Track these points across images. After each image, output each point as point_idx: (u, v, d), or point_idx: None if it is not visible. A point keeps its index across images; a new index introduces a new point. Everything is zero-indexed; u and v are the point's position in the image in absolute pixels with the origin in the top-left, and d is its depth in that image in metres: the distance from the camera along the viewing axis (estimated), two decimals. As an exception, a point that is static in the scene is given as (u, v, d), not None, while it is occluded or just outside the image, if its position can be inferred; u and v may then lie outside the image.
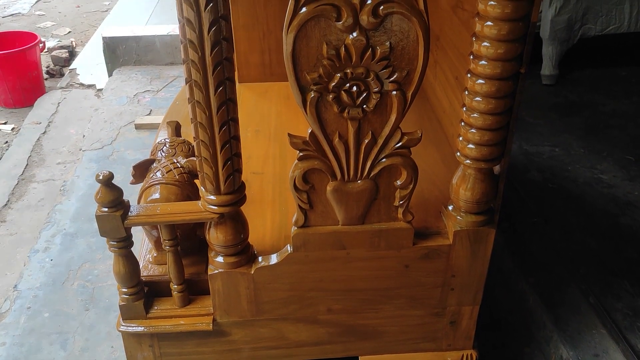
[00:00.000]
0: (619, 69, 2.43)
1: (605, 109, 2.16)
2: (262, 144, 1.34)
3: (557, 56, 2.26)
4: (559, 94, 2.26)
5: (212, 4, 0.72)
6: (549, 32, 2.21)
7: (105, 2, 4.18)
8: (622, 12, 2.22)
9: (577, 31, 2.24)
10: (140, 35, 2.72)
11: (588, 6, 2.19)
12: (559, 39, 2.22)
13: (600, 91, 2.28)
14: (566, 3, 2.16)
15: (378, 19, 0.76)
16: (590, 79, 2.36)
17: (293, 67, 0.79)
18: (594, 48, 2.43)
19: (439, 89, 1.30)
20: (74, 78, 2.81)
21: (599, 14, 2.21)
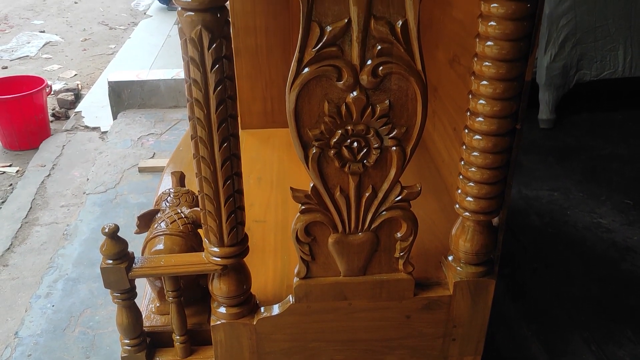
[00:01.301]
0: (615, 112, 2.48)
1: (603, 152, 2.19)
2: (264, 191, 1.36)
3: (553, 101, 2.31)
4: (557, 138, 2.30)
5: (218, 65, 0.75)
6: (545, 78, 2.26)
7: (111, 45, 4.27)
8: (616, 58, 2.27)
9: (573, 77, 2.29)
10: (145, 79, 2.78)
11: (583, 53, 2.25)
12: (555, 84, 2.27)
13: (597, 135, 2.32)
14: (561, 50, 2.22)
15: (378, 79, 0.79)
16: (587, 123, 2.41)
17: (296, 124, 0.82)
18: (590, 92, 2.48)
19: (438, 139, 1.33)
20: (79, 121, 2.85)
21: (594, 60, 2.27)
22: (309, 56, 0.77)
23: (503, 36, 0.76)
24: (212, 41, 0.74)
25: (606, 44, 2.23)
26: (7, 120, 2.58)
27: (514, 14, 0.74)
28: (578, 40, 2.21)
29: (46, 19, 4.77)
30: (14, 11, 4.95)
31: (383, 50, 0.77)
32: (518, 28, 0.75)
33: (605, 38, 2.22)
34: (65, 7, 5.13)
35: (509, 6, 0.74)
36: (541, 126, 2.35)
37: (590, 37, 2.22)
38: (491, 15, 0.75)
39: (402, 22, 0.75)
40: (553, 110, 2.33)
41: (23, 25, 4.61)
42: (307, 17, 0.74)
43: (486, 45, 0.78)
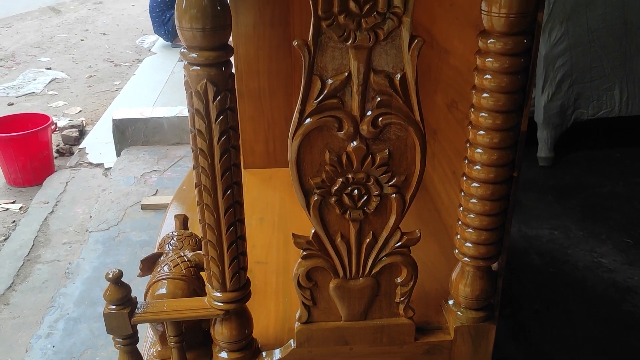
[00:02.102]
0: (613, 150, 2.50)
1: (602, 190, 2.21)
2: (266, 232, 1.38)
3: (552, 139, 2.33)
4: (556, 175, 2.32)
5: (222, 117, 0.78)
6: (543, 117, 2.29)
7: (115, 81, 4.35)
8: (612, 97, 2.31)
9: (570, 116, 2.32)
10: (148, 117, 2.82)
11: (579, 92, 2.29)
12: (552, 123, 2.30)
13: (596, 173, 2.34)
14: (558, 90, 2.26)
15: (377, 129, 0.81)
16: (585, 161, 2.43)
17: (297, 173, 0.83)
18: (588, 131, 2.51)
19: (437, 181, 1.35)
20: (83, 157, 2.89)
21: (591, 100, 2.31)
22: (310, 107, 0.79)
23: (499, 89, 0.78)
24: (217, 94, 0.76)
25: (602, 83, 2.28)
26: (12, 157, 2.61)
27: (509, 68, 0.77)
28: (574, 80, 2.26)
29: (52, 56, 4.87)
30: (22, 48, 5.05)
31: (382, 102, 0.79)
32: (513, 81, 0.78)
33: (601, 78, 2.27)
34: (72, 45, 5.24)
35: (504, 60, 0.76)
36: (540, 164, 2.38)
37: (586, 77, 2.26)
38: (486, 69, 0.78)
39: (400, 75, 0.78)
40: (552, 149, 2.36)
41: (30, 62, 4.70)
42: (308, 70, 0.77)
43: (482, 97, 0.80)
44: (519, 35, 0.75)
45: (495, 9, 0.73)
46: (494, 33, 0.75)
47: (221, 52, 0.75)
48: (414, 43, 0.75)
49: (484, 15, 0.75)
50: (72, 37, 5.52)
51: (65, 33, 5.65)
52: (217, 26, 0.73)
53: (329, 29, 0.74)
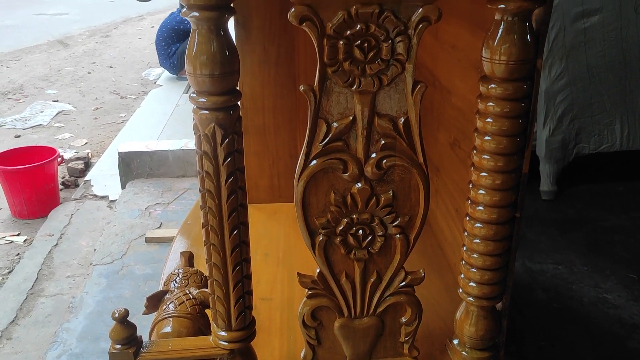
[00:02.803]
0: (616, 184, 2.51)
1: (606, 224, 2.21)
2: (270, 268, 1.38)
3: (554, 173, 2.35)
4: (559, 209, 2.33)
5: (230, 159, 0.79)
6: (545, 151, 2.31)
7: (121, 113, 4.40)
8: (613, 132, 2.33)
9: (572, 150, 2.34)
10: (154, 150, 2.85)
11: (580, 127, 2.31)
12: (554, 157, 2.32)
13: (599, 206, 2.34)
14: (559, 124, 2.28)
15: (381, 171, 0.83)
16: (588, 195, 2.44)
17: (303, 213, 0.85)
18: (590, 164, 2.53)
19: (440, 217, 1.36)
20: (88, 189, 2.91)
21: (592, 134, 2.33)
22: (316, 150, 0.81)
23: (500, 132, 0.80)
24: (225, 137, 0.78)
25: (603, 118, 2.30)
26: (18, 189, 2.64)
27: (510, 113, 0.78)
28: (575, 115, 2.28)
29: (60, 89, 4.94)
30: (29, 81, 5.13)
31: (386, 145, 0.81)
32: (514, 125, 0.79)
33: (601, 113, 2.29)
34: (79, 77, 5.32)
35: (505, 105, 0.78)
36: (543, 198, 2.39)
37: (587, 112, 2.29)
38: (488, 112, 0.80)
39: (404, 119, 0.80)
40: (554, 182, 2.37)
41: (37, 94, 4.77)
42: (314, 114, 0.79)
43: (484, 139, 0.82)
44: (519, 81, 0.77)
45: (495, 56, 0.76)
46: (494, 79, 0.77)
47: (229, 97, 0.77)
48: (417, 88, 0.78)
49: (485, 61, 0.77)
50: (79, 69, 5.61)
51: (73, 66, 5.75)
52: (225, 72, 0.75)
53: (335, 75, 0.77)
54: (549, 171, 2.34)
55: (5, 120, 4.14)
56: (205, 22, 0.72)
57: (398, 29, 0.74)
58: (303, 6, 0.73)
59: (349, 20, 0.74)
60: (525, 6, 0.73)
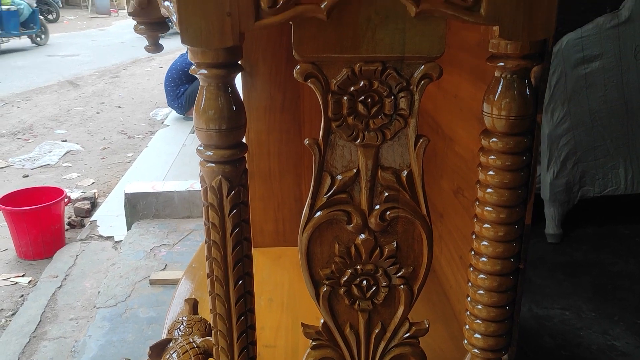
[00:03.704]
0: (622, 227, 2.50)
1: (612, 268, 2.19)
2: (275, 314, 1.38)
3: (559, 216, 2.35)
4: (565, 252, 2.32)
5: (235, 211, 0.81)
6: (549, 194, 2.31)
7: (128, 153, 4.45)
8: (617, 175, 2.34)
9: (576, 193, 2.35)
10: (160, 191, 2.88)
11: (584, 170, 2.32)
12: (559, 200, 2.32)
13: (605, 250, 2.33)
14: (563, 168, 2.30)
15: (385, 222, 0.84)
16: (594, 238, 2.43)
17: (307, 264, 0.85)
18: (595, 207, 2.53)
19: (445, 264, 1.36)
20: (93, 230, 2.92)
21: (596, 178, 2.34)
22: (320, 202, 0.82)
23: (502, 185, 0.81)
24: (231, 189, 0.79)
25: (606, 162, 2.31)
26: (25, 230, 2.65)
27: (511, 166, 0.80)
28: (579, 158, 2.29)
29: (69, 129, 5.02)
30: (39, 121, 5.21)
31: (390, 197, 0.82)
32: (515, 178, 0.80)
33: (605, 157, 2.31)
34: (88, 117, 5.41)
35: (506, 159, 0.80)
36: (549, 240, 2.38)
37: (590, 156, 2.30)
38: (490, 165, 0.81)
39: (407, 172, 0.81)
40: (559, 225, 2.36)
41: (46, 134, 4.84)
42: (319, 167, 0.81)
43: (486, 192, 0.83)
44: (520, 136, 0.78)
45: (496, 111, 0.77)
46: (495, 133, 0.79)
47: (235, 150, 0.79)
48: (419, 142, 0.79)
49: (486, 116, 0.79)
50: (88, 109, 5.71)
51: (82, 106, 5.85)
52: (232, 127, 0.77)
53: (339, 129, 0.78)
54: (553, 214, 2.34)
55: (14, 160, 4.19)
56: (213, 80, 0.75)
57: (400, 85, 0.77)
58: (308, 64, 0.75)
59: (352, 77, 0.76)
60: (523, 64, 0.75)
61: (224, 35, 0.71)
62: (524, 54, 0.74)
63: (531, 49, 0.74)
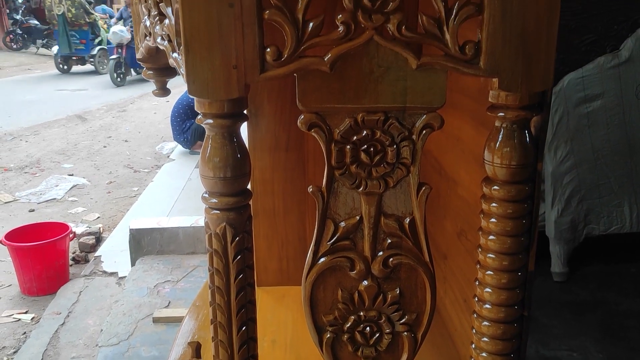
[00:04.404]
0: (629, 265, 2.48)
1: (619, 308, 2.17)
2: (278, 356, 1.37)
3: (564, 254, 2.33)
4: (571, 291, 2.29)
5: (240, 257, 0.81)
6: (554, 232, 2.31)
7: (134, 187, 4.48)
8: (622, 213, 2.34)
9: (582, 231, 2.34)
10: (165, 227, 2.88)
11: (589, 208, 2.32)
12: (564, 238, 2.31)
13: (612, 288, 2.31)
14: (567, 205, 2.30)
15: (388, 269, 0.84)
16: (601, 276, 2.41)
17: (311, 310, 0.85)
18: (601, 245, 2.51)
19: (449, 306, 1.35)
20: (97, 265, 2.92)
21: (601, 215, 2.33)
22: (323, 249, 0.83)
23: (504, 232, 0.81)
24: (235, 236, 0.80)
25: (611, 200, 2.31)
26: (29, 266, 2.65)
27: (513, 214, 0.80)
28: (583, 196, 2.30)
29: (75, 163, 5.07)
30: (46, 155, 5.27)
31: (393, 244, 0.83)
32: (517, 225, 0.81)
33: (609, 195, 2.31)
34: (95, 151, 5.47)
35: (508, 206, 0.80)
36: (555, 279, 2.36)
37: (594, 194, 2.30)
38: (492, 213, 0.82)
39: (409, 219, 0.82)
40: (565, 263, 2.35)
41: (53, 168, 4.89)
42: (322, 214, 0.81)
43: (489, 239, 0.83)
44: (521, 184, 0.79)
45: (497, 160, 0.78)
46: (497, 181, 0.80)
47: (240, 198, 0.80)
48: (421, 190, 0.80)
49: (487, 164, 0.80)
50: (95, 143, 5.77)
51: (90, 140, 5.91)
52: (237, 174, 0.78)
53: (342, 177, 0.80)
54: (559, 252, 2.33)
55: (20, 194, 4.22)
56: (219, 129, 0.76)
57: (403, 134, 0.78)
58: (312, 114, 0.77)
59: (355, 127, 0.78)
60: (523, 115, 0.76)
61: (230, 87, 0.73)
62: (523, 105, 0.76)
63: (530, 100, 0.76)
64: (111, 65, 9.43)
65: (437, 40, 0.72)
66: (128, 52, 9.39)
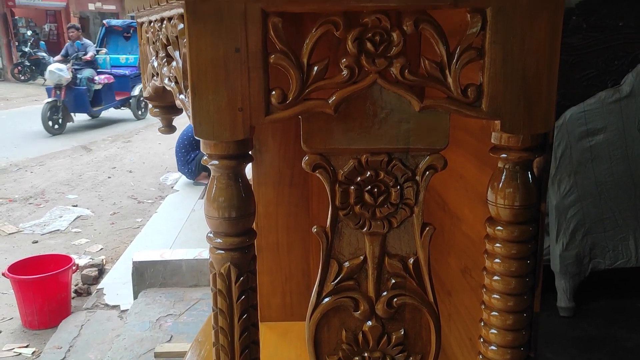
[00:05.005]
0: (636, 300, 2.46)
1: (627, 344, 2.14)
2: (281, 395, 1.35)
3: (570, 289, 2.31)
4: (578, 326, 2.27)
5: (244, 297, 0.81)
6: (560, 266, 2.29)
7: (137, 218, 4.48)
8: (627, 247, 2.32)
9: (587, 265, 2.32)
10: (168, 259, 2.88)
11: (594, 242, 2.31)
12: (570, 272, 2.29)
13: (619, 324, 2.28)
14: (572, 239, 2.28)
15: (392, 309, 0.83)
16: (608, 311, 2.38)
17: (315, 351, 0.85)
18: (608, 279, 2.49)
19: (454, 344, 1.33)
20: (100, 298, 2.90)
21: (606, 250, 2.32)
22: (327, 289, 0.82)
23: (508, 273, 0.81)
24: (239, 276, 0.80)
25: (616, 234, 2.30)
26: (31, 299, 2.64)
27: (517, 254, 0.80)
28: (588, 230, 2.29)
29: (80, 193, 5.08)
30: (51, 186, 5.29)
31: (397, 284, 0.83)
32: (522, 266, 0.81)
33: (614, 229, 2.30)
34: (99, 182, 5.49)
35: (512, 247, 0.80)
36: (561, 314, 2.33)
37: (599, 228, 2.29)
38: (496, 253, 0.82)
39: (413, 259, 0.82)
40: (571, 298, 2.32)
41: (58, 199, 4.91)
42: (326, 254, 0.82)
43: (493, 279, 0.83)
44: (525, 224, 0.79)
45: (500, 201, 0.79)
46: (500, 221, 0.80)
47: (245, 238, 0.80)
48: (425, 230, 0.80)
49: (491, 205, 0.80)
50: (100, 174, 5.80)
51: (94, 170, 5.95)
52: (242, 215, 0.79)
53: (346, 217, 0.80)
54: (565, 287, 2.31)
55: (24, 225, 4.23)
56: (224, 170, 0.77)
57: (406, 175, 0.79)
58: (316, 155, 0.78)
59: (359, 168, 0.78)
60: (525, 156, 0.77)
61: (236, 129, 0.74)
62: (525, 147, 0.76)
63: (532, 142, 0.76)
64: (44, 111, 7.48)
65: (439, 83, 0.73)
66: (68, 95, 7.82)
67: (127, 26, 9.62)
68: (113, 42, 9.73)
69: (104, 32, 9.72)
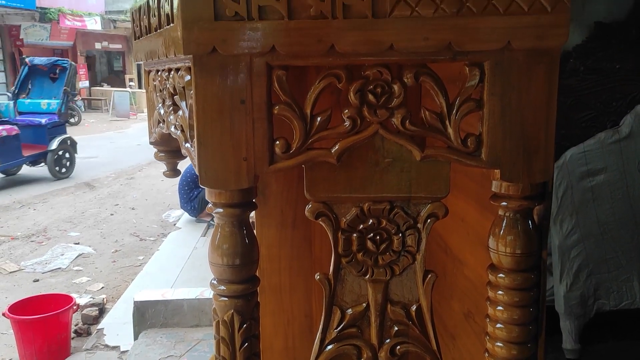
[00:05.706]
0: (642, 341, 2.42)
1: (635, 388, 2.10)
2: None
3: (576, 330, 2.28)
4: (584, 369, 2.23)
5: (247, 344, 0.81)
6: (564, 307, 2.27)
7: (139, 256, 4.47)
8: (632, 288, 2.30)
9: (592, 306, 2.30)
10: (169, 299, 2.86)
11: (598, 283, 2.29)
12: (574, 314, 2.27)
13: (626, 366, 2.24)
14: (576, 280, 2.27)
15: (395, 357, 0.83)
16: (614, 352, 2.34)
17: (317, 399, 0.84)
18: (614, 320, 2.46)
19: (459, 390, 1.32)
20: (100, 339, 2.87)
21: (611, 290, 2.30)
22: (330, 336, 0.82)
23: (511, 320, 0.81)
24: (243, 323, 0.81)
25: (620, 275, 2.29)
26: (31, 340, 2.62)
27: (519, 302, 0.80)
28: (591, 270, 2.27)
29: (82, 231, 5.08)
30: (54, 223, 5.30)
31: (400, 332, 0.83)
32: (524, 314, 0.81)
33: (618, 269, 2.28)
34: (102, 219, 5.49)
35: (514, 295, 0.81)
36: (567, 356, 2.29)
37: (603, 268, 2.28)
38: (498, 301, 0.82)
39: (416, 306, 0.82)
40: (577, 340, 2.29)
41: (60, 237, 4.90)
42: (329, 301, 0.82)
43: (496, 327, 0.83)
44: (527, 272, 0.80)
45: (502, 248, 0.79)
46: (502, 269, 0.81)
47: (248, 285, 0.81)
48: (427, 278, 0.81)
49: (492, 252, 0.81)
50: (102, 211, 5.80)
51: (97, 207, 5.96)
52: (245, 262, 0.79)
53: (349, 265, 0.81)
54: (570, 328, 2.28)
55: (26, 263, 4.21)
56: (228, 218, 0.78)
57: (408, 223, 0.80)
58: (319, 203, 0.79)
59: (361, 216, 0.79)
60: (525, 205, 0.78)
61: (240, 178, 0.75)
62: (525, 195, 0.77)
63: (532, 190, 0.78)
64: None
65: (439, 133, 0.75)
66: None
67: (53, 65, 7.67)
68: (38, 84, 7.70)
69: (27, 72, 7.67)
